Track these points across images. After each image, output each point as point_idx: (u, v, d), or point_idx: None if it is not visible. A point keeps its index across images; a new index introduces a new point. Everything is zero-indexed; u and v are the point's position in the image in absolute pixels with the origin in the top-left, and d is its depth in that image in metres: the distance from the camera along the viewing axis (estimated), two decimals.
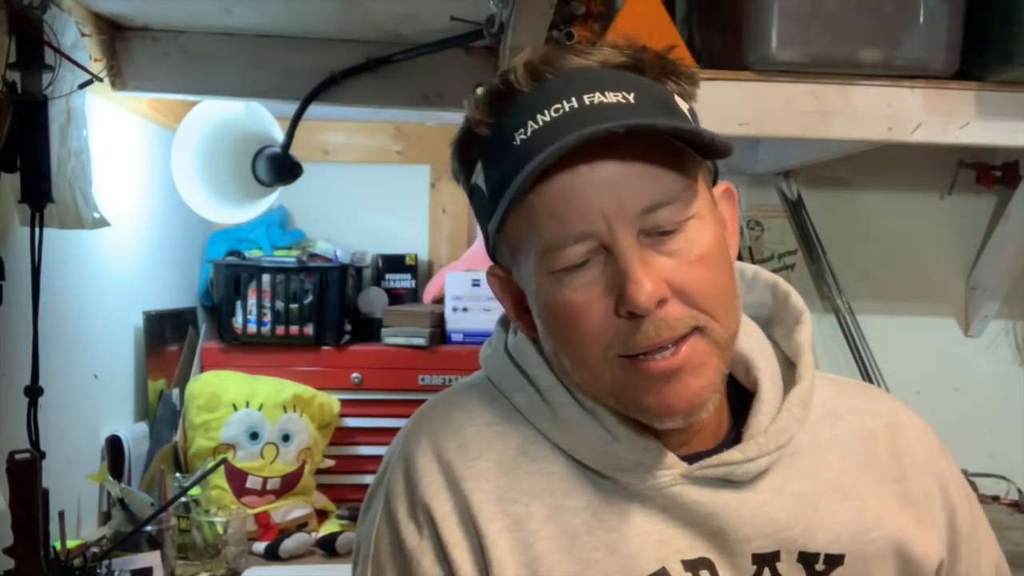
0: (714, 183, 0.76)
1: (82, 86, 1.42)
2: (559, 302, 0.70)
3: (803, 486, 0.76)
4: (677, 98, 0.73)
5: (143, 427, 1.88)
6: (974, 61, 1.42)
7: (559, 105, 0.68)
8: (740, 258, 0.86)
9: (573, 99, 0.68)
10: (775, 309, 0.84)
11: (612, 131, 0.64)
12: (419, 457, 0.79)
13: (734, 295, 0.73)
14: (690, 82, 0.75)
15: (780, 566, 0.74)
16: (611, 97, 0.68)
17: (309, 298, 2.03)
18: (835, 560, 0.75)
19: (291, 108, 1.83)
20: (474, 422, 0.80)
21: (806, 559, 0.74)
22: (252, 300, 2.02)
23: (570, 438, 0.76)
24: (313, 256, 2.14)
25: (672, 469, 0.74)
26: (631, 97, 0.68)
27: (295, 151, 1.94)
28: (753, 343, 0.81)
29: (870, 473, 0.79)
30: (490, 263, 0.80)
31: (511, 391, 0.80)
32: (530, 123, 0.69)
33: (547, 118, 0.68)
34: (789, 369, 0.80)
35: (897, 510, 0.78)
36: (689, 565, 0.73)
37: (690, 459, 0.75)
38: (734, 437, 0.77)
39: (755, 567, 0.74)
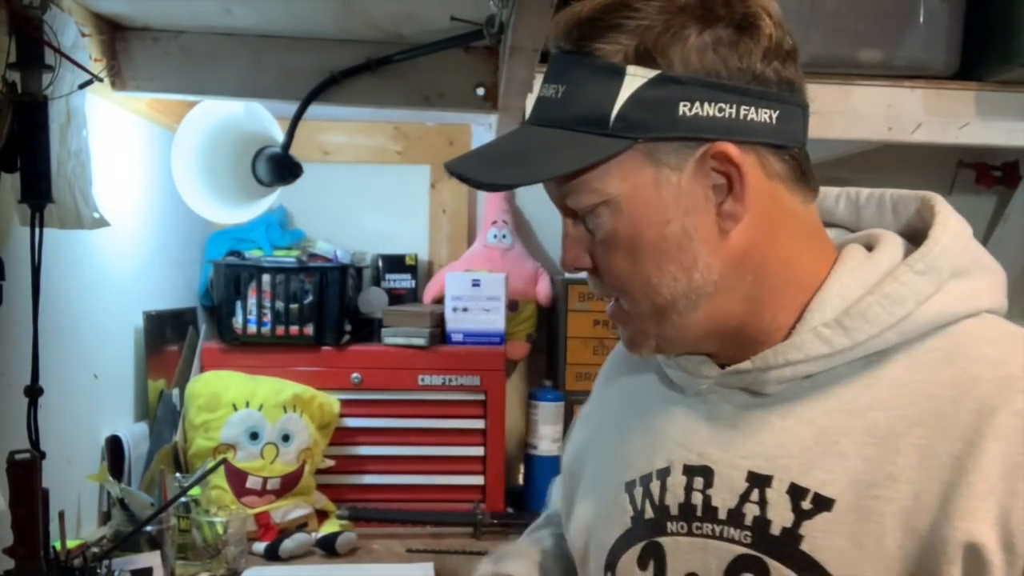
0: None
1: (82, 86, 1.41)
2: None
3: (833, 421, 0.74)
4: (632, 73, 0.72)
5: (143, 427, 1.88)
6: (974, 61, 1.42)
7: (541, 87, 0.79)
8: None
9: (542, 87, 0.79)
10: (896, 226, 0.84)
11: (465, 176, 0.76)
12: None
13: (655, 276, 0.76)
14: (674, 55, 0.73)
15: (770, 492, 0.75)
16: (549, 91, 0.77)
17: (309, 298, 2.03)
18: (824, 503, 0.72)
19: (291, 108, 1.83)
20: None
21: (796, 492, 0.74)
22: (252, 300, 2.02)
23: None
24: (313, 256, 2.14)
25: (709, 376, 0.82)
26: (561, 90, 0.76)
27: (295, 151, 1.94)
28: (849, 280, 0.77)
29: (928, 431, 0.71)
30: (488, 264, 0.87)
31: None
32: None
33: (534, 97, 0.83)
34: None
35: (934, 482, 0.69)
36: (687, 470, 0.80)
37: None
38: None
39: (747, 484, 0.76)
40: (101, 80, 1.49)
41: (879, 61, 1.40)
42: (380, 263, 2.42)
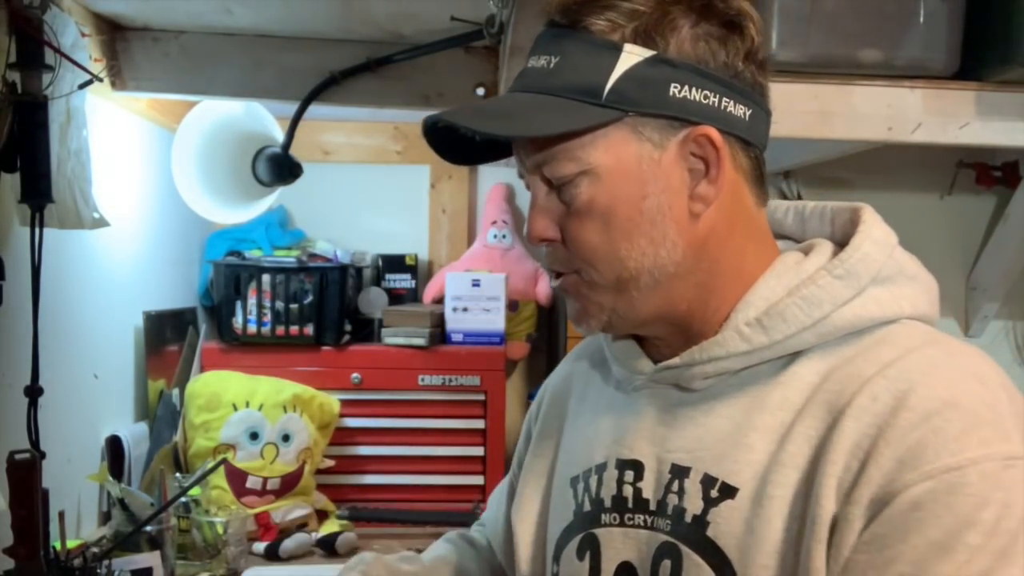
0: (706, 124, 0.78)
1: (82, 86, 1.42)
2: None
3: (747, 417, 0.77)
4: (628, 51, 0.76)
5: (143, 427, 1.88)
6: (974, 61, 1.42)
7: (524, 63, 0.81)
8: None
9: (528, 60, 0.81)
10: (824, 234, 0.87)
11: (450, 124, 0.78)
12: None
13: (625, 248, 0.78)
14: (667, 35, 0.77)
15: (687, 482, 0.79)
16: (540, 61, 0.79)
17: (309, 298, 2.03)
18: (728, 491, 0.76)
19: (291, 108, 1.83)
20: None
21: (707, 481, 0.78)
22: (252, 300, 2.02)
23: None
24: (313, 256, 2.14)
25: (643, 373, 0.85)
26: (553, 61, 0.78)
27: (295, 151, 1.94)
28: (775, 283, 0.80)
29: (815, 422, 0.74)
30: (488, 264, 0.87)
31: None
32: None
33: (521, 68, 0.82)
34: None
35: (811, 466, 0.73)
36: (620, 464, 0.85)
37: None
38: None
39: (670, 476, 0.81)
40: (101, 80, 1.49)
41: (879, 61, 1.40)
42: (380, 263, 2.42)
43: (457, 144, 0.84)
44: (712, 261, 0.80)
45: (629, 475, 0.84)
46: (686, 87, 0.76)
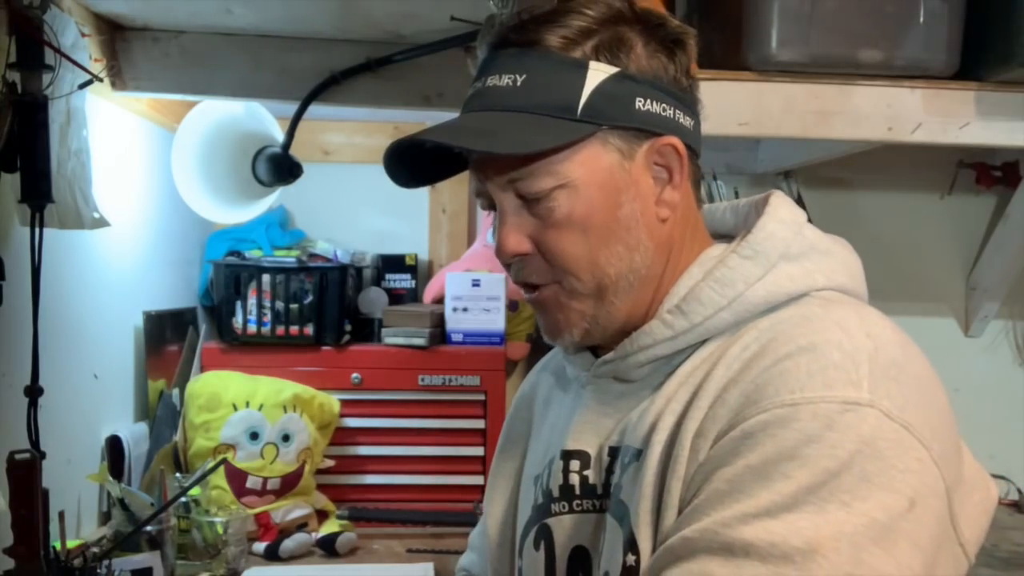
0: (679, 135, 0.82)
1: (82, 86, 1.42)
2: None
3: (671, 391, 0.80)
4: (594, 68, 0.79)
5: (143, 427, 1.88)
6: (974, 61, 1.42)
7: (476, 84, 0.83)
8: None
9: (481, 80, 0.82)
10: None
11: (418, 142, 0.80)
12: None
13: (604, 255, 0.81)
14: (642, 47, 0.81)
15: (619, 460, 0.84)
16: (504, 80, 0.80)
17: (309, 298, 2.03)
18: (636, 455, 0.81)
19: (291, 108, 1.83)
20: None
21: (626, 452, 0.83)
22: (252, 300, 2.02)
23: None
24: (313, 256, 2.14)
25: (587, 369, 0.89)
26: (520, 79, 0.79)
27: (295, 151, 1.94)
28: (697, 272, 0.84)
29: (704, 380, 0.78)
30: (488, 264, 0.88)
31: None
32: (470, 90, 0.84)
33: (470, 92, 0.83)
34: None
35: (685, 412, 0.77)
36: (565, 455, 0.89)
37: None
38: None
39: (608, 459, 0.85)
40: (101, 80, 1.49)
41: (879, 61, 1.40)
42: (380, 263, 2.42)
43: (407, 164, 0.87)
44: (667, 261, 0.85)
45: (575, 464, 0.88)
46: (648, 100, 0.80)
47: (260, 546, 1.80)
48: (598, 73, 0.79)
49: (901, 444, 0.67)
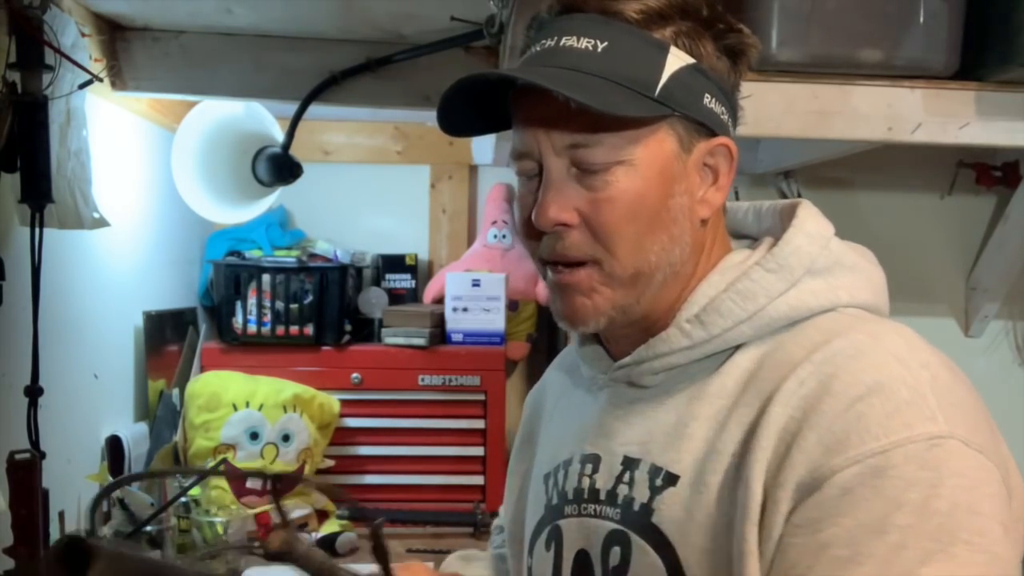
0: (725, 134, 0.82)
1: (82, 86, 1.42)
2: (517, 200, 0.85)
3: (690, 408, 0.80)
4: (674, 53, 0.78)
5: (143, 427, 1.88)
6: (974, 61, 1.42)
7: (546, 41, 0.80)
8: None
9: (553, 39, 0.79)
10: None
11: (508, 78, 0.78)
12: None
13: (649, 241, 0.79)
14: (710, 41, 0.80)
15: (637, 473, 0.82)
16: (583, 43, 0.78)
17: (309, 298, 2.03)
18: (671, 479, 0.79)
19: (291, 108, 1.83)
20: None
21: (653, 471, 0.81)
22: (252, 300, 2.02)
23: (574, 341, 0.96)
24: (313, 256, 2.14)
25: (606, 373, 0.88)
26: (601, 46, 0.77)
27: (295, 151, 1.94)
28: (718, 280, 0.83)
29: (748, 409, 0.76)
30: (488, 264, 0.87)
31: None
32: (533, 47, 0.82)
33: (536, 49, 0.81)
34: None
35: (744, 452, 0.75)
36: (581, 458, 0.88)
37: None
38: None
39: (622, 468, 0.84)
40: (101, 80, 1.49)
41: (879, 61, 1.40)
42: (380, 263, 2.42)
43: (459, 108, 0.84)
44: (697, 263, 0.84)
45: (588, 468, 0.87)
46: (713, 100, 0.80)
47: None
48: (677, 59, 0.78)
49: (982, 469, 0.68)
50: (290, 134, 1.89)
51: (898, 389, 0.70)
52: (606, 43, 0.77)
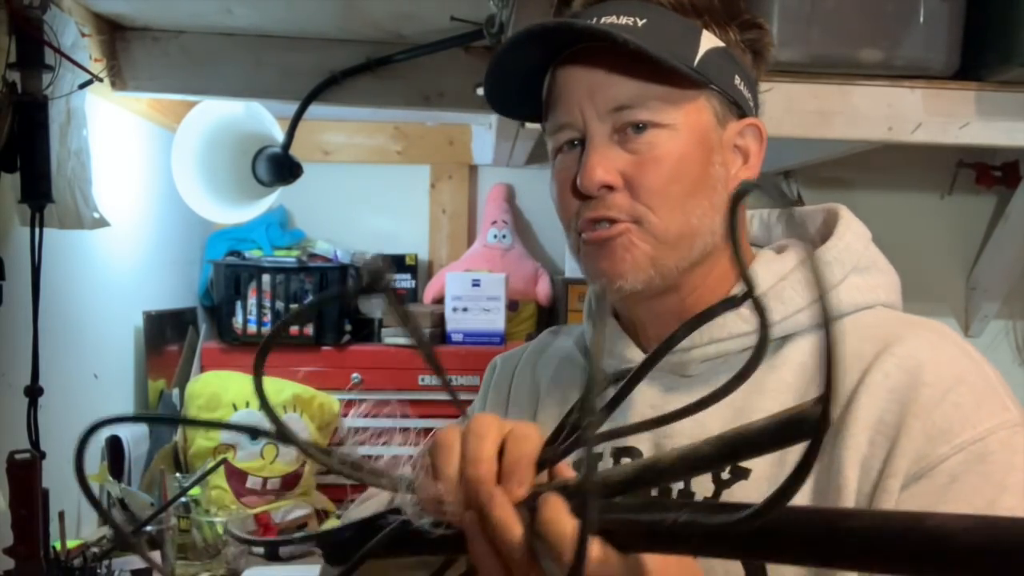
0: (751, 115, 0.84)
1: (82, 86, 1.42)
2: (554, 177, 0.85)
3: (748, 401, 0.79)
4: (706, 35, 0.81)
5: (143, 427, 1.88)
6: (974, 61, 1.42)
7: (587, 23, 0.80)
8: None
9: (594, 19, 0.80)
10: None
11: (578, 28, 0.78)
12: None
13: (692, 203, 0.80)
14: (737, 28, 0.83)
15: None
16: (623, 20, 0.80)
17: (309, 298, 2.03)
18: (741, 473, 0.78)
19: (291, 108, 1.83)
20: None
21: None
22: (252, 300, 2.02)
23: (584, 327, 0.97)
24: (313, 256, 2.14)
25: (633, 360, 0.86)
26: (640, 22, 0.79)
27: (295, 151, 1.94)
28: (762, 272, 0.83)
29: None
30: (488, 264, 0.86)
31: None
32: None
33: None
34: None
35: (827, 444, 0.76)
36: (615, 452, 0.85)
37: None
38: None
39: None
40: (101, 80, 1.49)
41: (879, 61, 1.40)
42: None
43: (505, 78, 0.84)
44: (720, 245, 0.84)
45: (626, 462, 0.85)
46: (743, 83, 0.83)
47: None
48: (708, 41, 0.80)
49: None
50: (290, 134, 1.89)
51: (975, 381, 0.74)
52: (645, 20, 0.79)
